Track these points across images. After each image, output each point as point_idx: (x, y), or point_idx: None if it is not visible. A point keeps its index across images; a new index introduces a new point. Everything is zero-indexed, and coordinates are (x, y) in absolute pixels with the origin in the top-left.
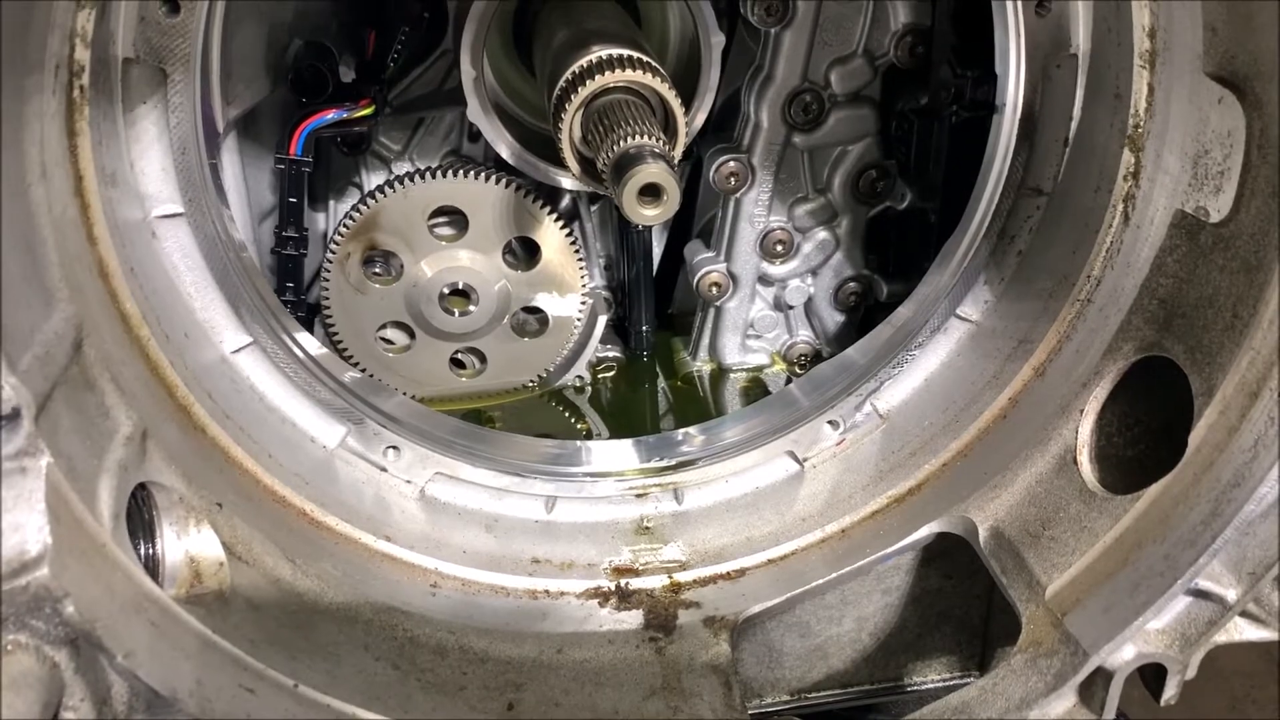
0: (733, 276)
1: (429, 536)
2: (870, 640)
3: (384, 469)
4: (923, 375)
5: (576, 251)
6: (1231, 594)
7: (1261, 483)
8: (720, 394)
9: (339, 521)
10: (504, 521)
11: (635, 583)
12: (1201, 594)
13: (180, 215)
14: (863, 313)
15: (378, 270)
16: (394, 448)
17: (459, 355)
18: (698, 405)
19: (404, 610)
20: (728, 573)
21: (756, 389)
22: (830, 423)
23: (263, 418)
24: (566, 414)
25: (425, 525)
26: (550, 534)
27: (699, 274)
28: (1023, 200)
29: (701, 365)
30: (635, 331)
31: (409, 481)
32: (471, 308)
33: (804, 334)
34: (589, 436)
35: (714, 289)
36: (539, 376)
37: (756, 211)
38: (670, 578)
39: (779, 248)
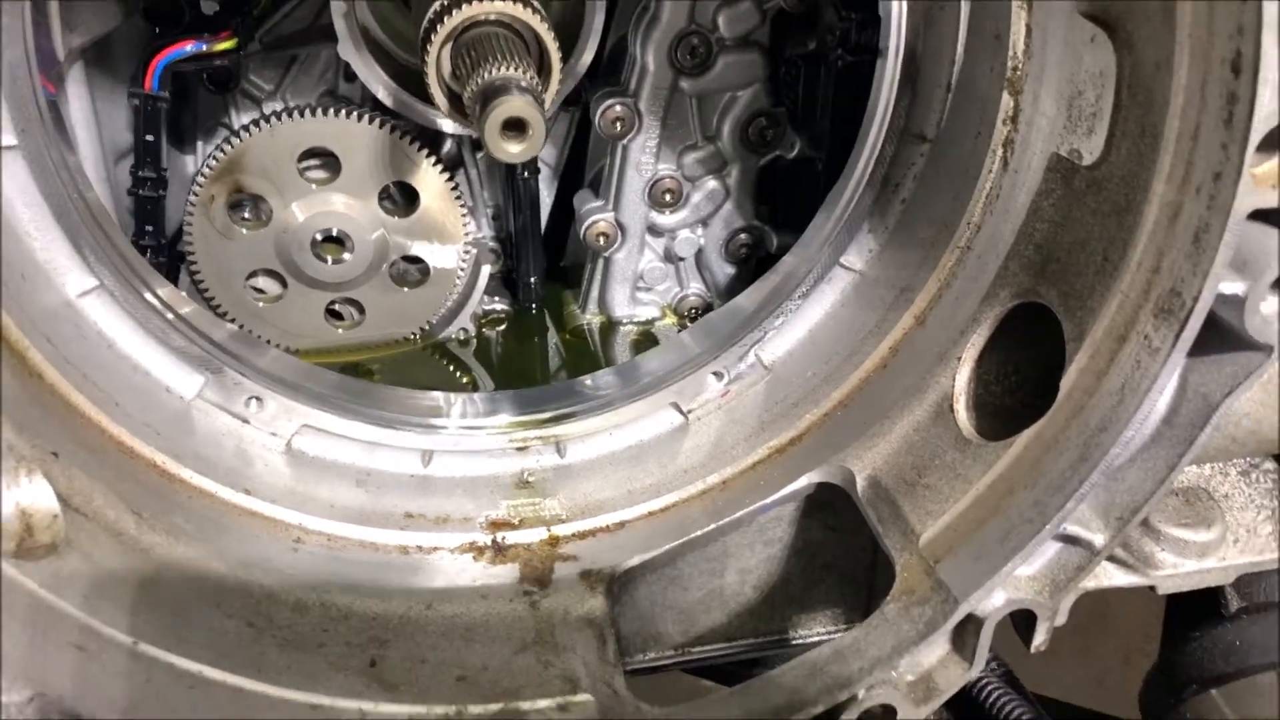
0: (621, 226)
1: (294, 491)
2: (754, 594)
3: (246, 421)
4: (807, 326)
5: (459, 199)
6: (1099, 539)
7: (1127, 427)
8: (610, 347)
9: (194, 474)
10: (376, 476)
11: (512, 537)
12: (1070, 539)
13: (14, 148)
14: (754, 265)
15: (246, 215)
16: (257, 399)
17: (335, 305)
18: (588, 358)
19: (262, 566)
20: (607, 526)
21: (647, 342)
22: (715, 374)
23: (111, 365)
24: (450, 367)
25: (290, 479)
26: (426, 488)
27: (586, 223)
28: (906, 147)
29: (591, 318)
30: (523, 284)
31: (274, 434)
32: (346, 255)
33: (695, 286)
34: (474, 390)
35: (601, 239)
36: (421, 329)
37: (644, 159)
38: (548, 531)
39: (668, 197)
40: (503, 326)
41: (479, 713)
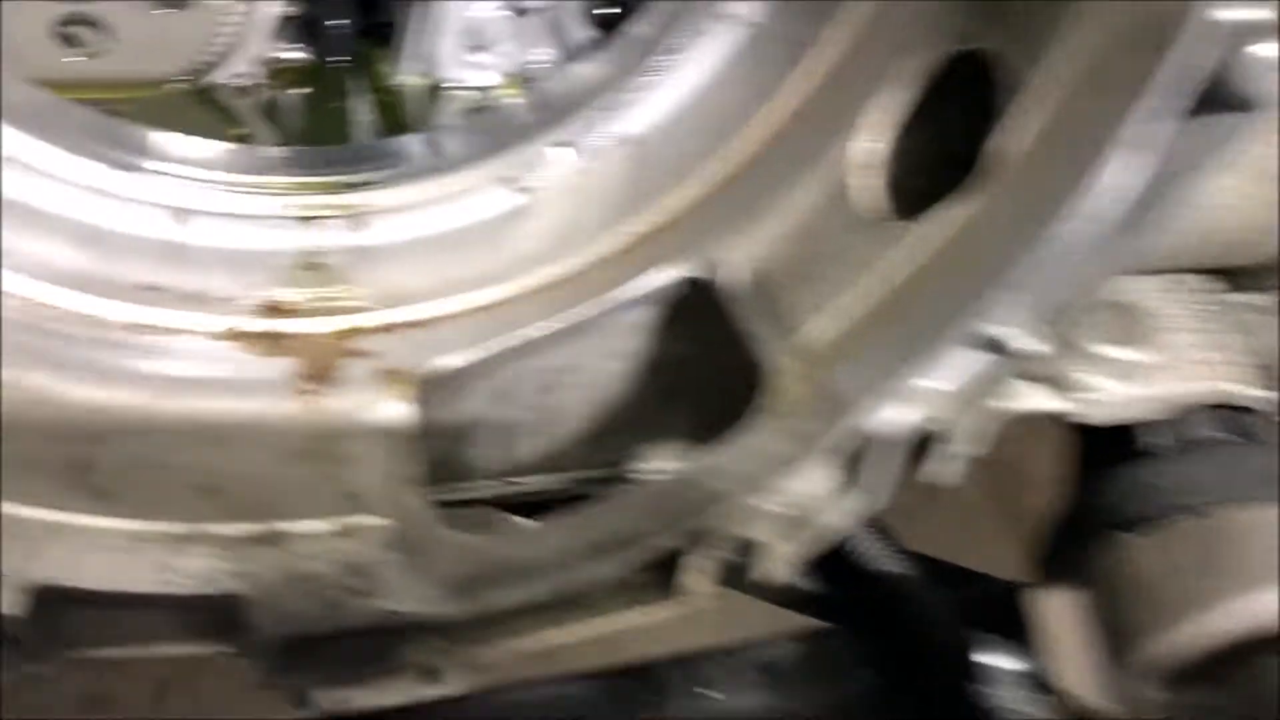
0: None
1: None
2: (597, 417)
3: None
4: (683, 88)
5: None
6: (1026, 345)
7: (1073, 201)
8: (432, 115)
9: None
10: (109, 234)
11: (290, 325)
12: (988, 344)
13: None
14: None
15: None
16: None
17: (68, 26)
18: (401, 126)
19: None
20: (417, 320)
21: (480, 115)
22: (564, 145)
23: None
24: (224, 123)
25: None
26: (177, 257)
27: None
28: None
29: (409, 79)
30: (326, 30)
31: None
32: None
33: (546, 50)
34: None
35: None
36: (186, 68)
37: None
38: (340, 321)
39: None
40: (298, 81)
41: (225, 533)
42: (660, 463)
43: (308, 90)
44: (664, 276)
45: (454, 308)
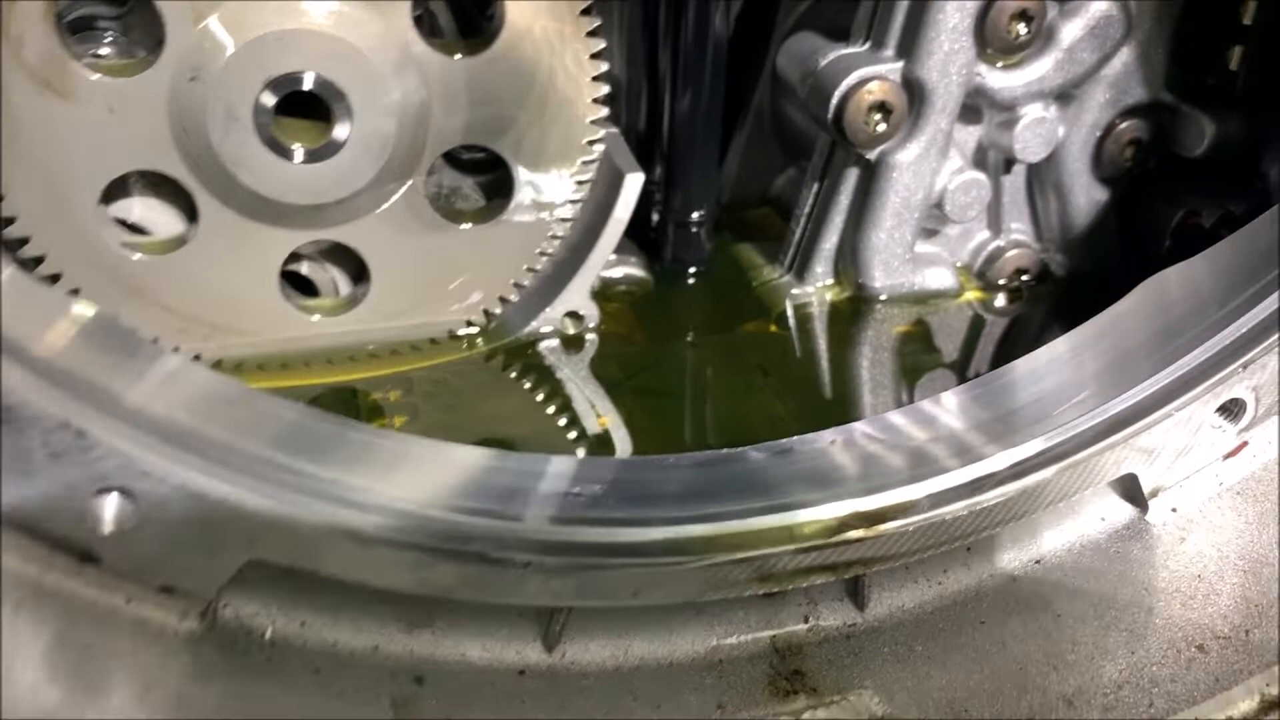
0: (918, 91)
1: None
2: None
3: None
4: None
5: (587, 19)
6: None
7: None
8: (875, 353)
9: None
10: None
11: None
12: None
13: None
14: (1145, 186)
15: (105, 46)
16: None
17: (303, 263)
18: (813, 379)
19: None
20: None
21: (927, 340)
22: (1224, 410)
23: None
24: (544, 398)
25: None
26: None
27: (844, 87)
28: None
29: (818, 290)
30: (677, 227)
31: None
32: (338, 135)
33: (1018, 227)
34: (598, 447)
35: (878, 119)
36: (484, 313)
37: None
38: None
39: (1017, 29)
40: (623, 308)
41: None
42: None
43: (635, 323)
44: None
45: None
